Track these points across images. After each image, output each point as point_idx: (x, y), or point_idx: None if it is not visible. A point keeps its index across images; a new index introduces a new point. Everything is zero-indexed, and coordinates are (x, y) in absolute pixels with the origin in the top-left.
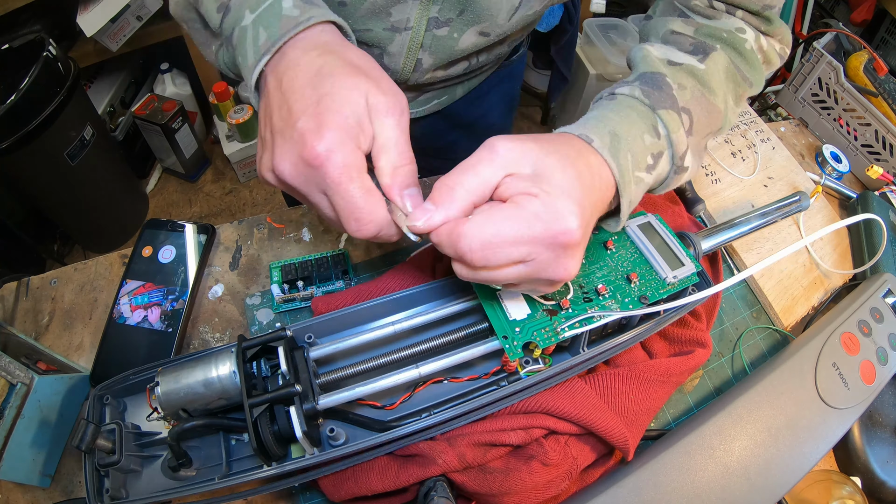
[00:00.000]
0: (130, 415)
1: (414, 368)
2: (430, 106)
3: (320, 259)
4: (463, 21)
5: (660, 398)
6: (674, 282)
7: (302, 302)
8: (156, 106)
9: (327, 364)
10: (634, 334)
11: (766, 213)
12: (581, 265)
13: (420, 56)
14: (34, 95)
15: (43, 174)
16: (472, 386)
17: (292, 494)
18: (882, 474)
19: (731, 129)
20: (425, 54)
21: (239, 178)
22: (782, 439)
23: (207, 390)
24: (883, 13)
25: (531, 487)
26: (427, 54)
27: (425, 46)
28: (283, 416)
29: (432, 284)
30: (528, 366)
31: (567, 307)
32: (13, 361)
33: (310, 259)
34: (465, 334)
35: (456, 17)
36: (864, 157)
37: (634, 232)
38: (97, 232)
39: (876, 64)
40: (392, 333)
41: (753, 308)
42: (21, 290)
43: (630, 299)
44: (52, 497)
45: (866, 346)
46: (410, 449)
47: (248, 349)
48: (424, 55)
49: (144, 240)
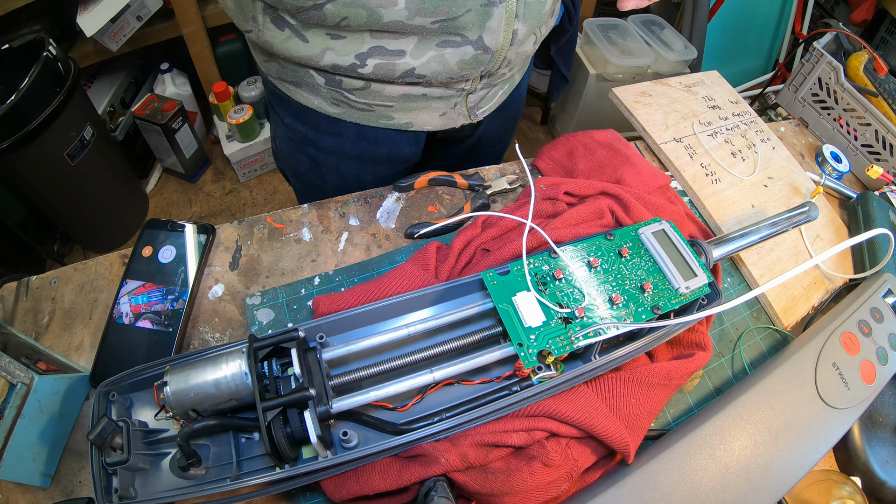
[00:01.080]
0: (136, 412)
1: (428, 373)
2: (497, 98)
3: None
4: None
5: (660, 401)
6: (686, 293)
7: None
8: (156, 106)
9: (340, 365)
10: (645, 343)
11: (776, 222)
12: (595, 271)
13: (516, 27)
14: (34, 95)
15: (43, 174)
16: (484, 390)
17: (293, 494)
18: (882, 474)
19: (731, 129)
20: (519, 23)
21: (239, 178)
22: (782, 439)
23: (218, 391)
24: (883, 13)
25: (532, 488)
26: (520, 23)
27: (519, 15)
28: (296, 420)
29: (444, 286)
30: (540, 372)
31: (582, 316)
32: (13, 361)
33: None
34: (479, 338)
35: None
36: (864, 157)
37: (649, 239)
38: (97, 232)
39: (876, 64)
40: (406, 336)
41: (753, 308)
42: (21, 290)
43: (643, 309)
44: (52, 497)
45: (866, 346)
46: (413, 448)
47: (259, 349)
48: (519, 24)
49: (144, 240)
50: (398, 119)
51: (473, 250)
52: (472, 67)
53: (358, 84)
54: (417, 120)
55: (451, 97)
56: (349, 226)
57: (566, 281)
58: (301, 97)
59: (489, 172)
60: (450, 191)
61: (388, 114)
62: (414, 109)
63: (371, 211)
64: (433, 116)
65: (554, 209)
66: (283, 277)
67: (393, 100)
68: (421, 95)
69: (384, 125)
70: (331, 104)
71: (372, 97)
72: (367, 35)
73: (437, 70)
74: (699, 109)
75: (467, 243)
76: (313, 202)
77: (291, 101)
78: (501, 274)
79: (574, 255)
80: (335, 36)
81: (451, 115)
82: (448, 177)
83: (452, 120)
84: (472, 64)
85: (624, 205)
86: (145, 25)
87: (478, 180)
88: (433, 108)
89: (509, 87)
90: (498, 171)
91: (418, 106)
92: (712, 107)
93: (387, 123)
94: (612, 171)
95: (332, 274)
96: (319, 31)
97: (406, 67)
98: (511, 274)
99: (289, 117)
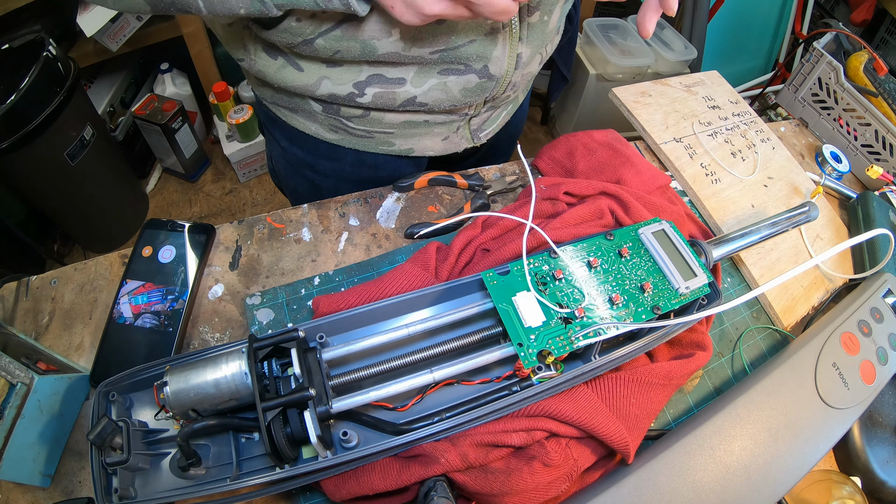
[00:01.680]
0: (136, 412)
1: (428, 373)
2: (500, 120)
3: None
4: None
5: (660, 401)
6: (686, 293)
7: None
8: (156, 106)
9: (340, 365)
10: (645, 343)
11: (776, 222)
12: (595, 271)
13: (520, 50)
14: (34, 95)
15: (43, 174)
16: (484, 390)
17: (293, 494)
18: (882, 474)
19: (731, 129)
20: (523, 46)
21: (239, 178)
22: (782, 439)
23: (218, 391)
24: (883, 13)
25: (532, 488)
26: (524, 46)
27: (523, 38)
28: (296, 420)
29: (444, 286)
30: (540, 372)
31: (581, 316)
32: (13, 361)
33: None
34: (479, 338)
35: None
36: (864, 157)
37: (649, 239)
38: (97, 232)
39: (876, 64)
40: (406, 336)
41: (753, 308)
42: (21, 290)
43: (643, 309)
44: (52, 497)
45: (866, 346)
46: (413, 448)
47: (259, 349)
48: (523, 48)
49: (144, 240)
50: (399, 145)
51: (473, 250)
52: (476, 95)
53: (357, 112)
54: (419, 145)
55: (453, 122)
56: (349, 226)
57: (566, 281)
58: (297, 122)
59: (489, 172)
60: (450, 191)
61: (389, 140)
62: (415, 135)
63: (371, 211)
64: (435, 141)
65: (554, 209)
66: (283, 277)
67: (393, 127)
68: (423, 122)
69: (384, 151)
70: (328, 130)
71: (371, 124)
72: (364, 64)
73: (440, 98)
74: (699, 109)
75: (467, 243)
76: (313, 202)
77: (287, 125)
78: (501, 274)
79: (574, 255)
80: (331, 64)
81: (454, 139)
82: (448, 177)
83: (455, 144)
84: (476, 91)
85: (624, 205)
86: (145, 25)
87: (478, 180)
88: (435, 134)
89: (513, 108)
90: (498, 171)
91: (420, 132)
92: (712, 107)
93: (387, 150)
94: (611, 171)
95: (332, 274)
96: (314, 59)
97: (407, 96)
98: (511, 274)
99: (285, 140)
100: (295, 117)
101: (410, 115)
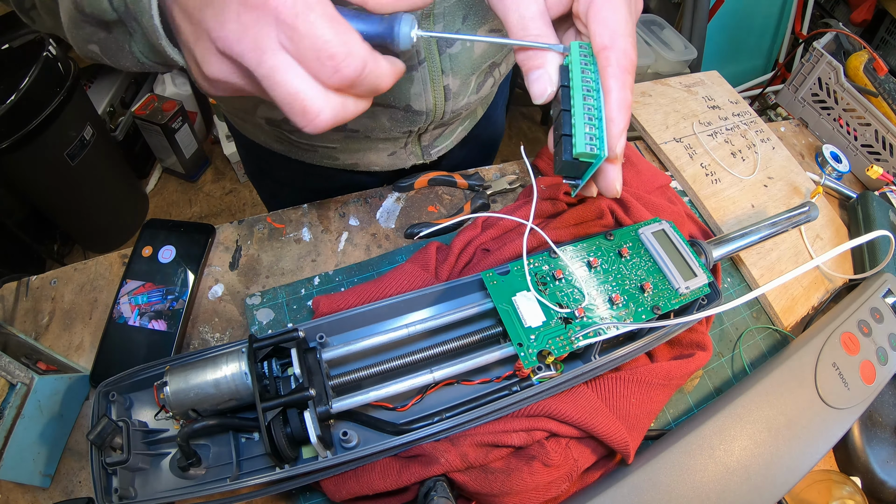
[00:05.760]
0: (136, 412)
1: (428, 373)
2: (455, 135)
3: None
4: (469, 27)
5: (660, 401)
6: (686, 293)
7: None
8: (156, 106)
9: (340, 365)
10: (645, 343)
11: (776, 222)
12: (595, 271)
13: (446, 83)
14: (34, 95)
15: (43, 174)
16: (484, 390)
17: (293, 494)
18: (882, 474)
19: (731, 129)
20: (449, 78)
21: (239, 178)
22: (782, 439)
23: (218, 391)
24: (883, 13)
25: (532, 488)
26: (451, 78)
27: (446, 70)
28: (296, 420)
29: (444, 286)
30: (540, 372)
31: (581, 316)
32: (13, 361)
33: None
34: (479, 338)
35: (461, 26)
36: (864, 157)
37: (649, 239)
38: (97, 232)
39: (876, 64)
40: (406, 336)
41: (753, 308)
42: (21, 290)
43: (643, 309)
44: (52, 497)
45: (866, 346)
46: (413, 449)
47: (259, 350)
48: (449, 80)
49: (144, 240)
50: (343, 159)
51: (473, 250)
52: (406, 125)
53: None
54: (363, 160)
55: (398, 138)
56: (349, 226)
57: (566, 281)
58: (248, 132)
59: (489, 172)
60: (450, 191)
61: (332, 154)
62: (359, 150)
63: (371, 211)
64: (380, 157)
65: (554, 209)
66: (283, 277)
67: (335, 141)
68: (364, 138)
69: (329, 164)
70: (275, 141)
71: (313, 138)
72: None
73: (370, 126)
74: (699, 109)
75: (467, 243)
76: (313, 202)
77: (241, 135)
78: (501, 274)
79: (574, 255)
80: None
81: (402, 154)
82: (448, 177)
83: (402, 160)
84: (405, 123)
85: (624, 205)
86: None
87: (478, 180)
88: (379, 150)
89: (470, 122)
90: (498, 171)
91: (362, 147)
92: (712, 107)
93: (331, 164)
94: None
95: (332, 274)
96: None
97: None
98: (511, 274)
99: (241, 149)
100: (245, 127)
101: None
